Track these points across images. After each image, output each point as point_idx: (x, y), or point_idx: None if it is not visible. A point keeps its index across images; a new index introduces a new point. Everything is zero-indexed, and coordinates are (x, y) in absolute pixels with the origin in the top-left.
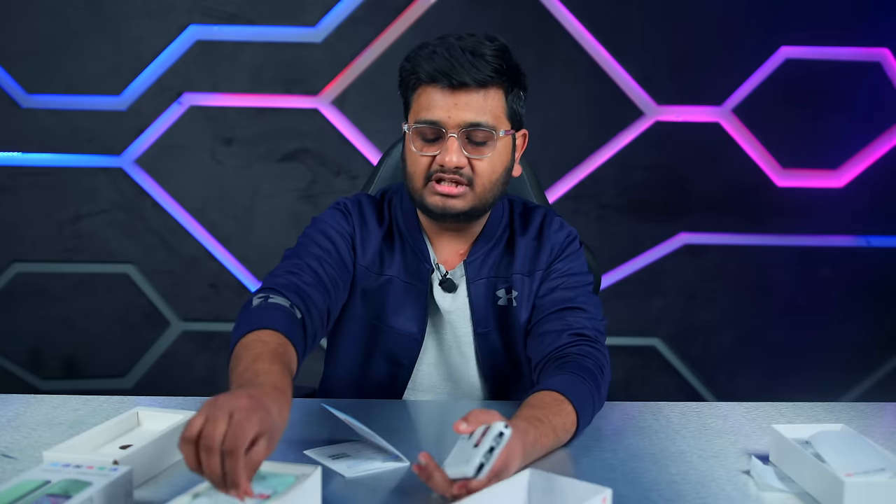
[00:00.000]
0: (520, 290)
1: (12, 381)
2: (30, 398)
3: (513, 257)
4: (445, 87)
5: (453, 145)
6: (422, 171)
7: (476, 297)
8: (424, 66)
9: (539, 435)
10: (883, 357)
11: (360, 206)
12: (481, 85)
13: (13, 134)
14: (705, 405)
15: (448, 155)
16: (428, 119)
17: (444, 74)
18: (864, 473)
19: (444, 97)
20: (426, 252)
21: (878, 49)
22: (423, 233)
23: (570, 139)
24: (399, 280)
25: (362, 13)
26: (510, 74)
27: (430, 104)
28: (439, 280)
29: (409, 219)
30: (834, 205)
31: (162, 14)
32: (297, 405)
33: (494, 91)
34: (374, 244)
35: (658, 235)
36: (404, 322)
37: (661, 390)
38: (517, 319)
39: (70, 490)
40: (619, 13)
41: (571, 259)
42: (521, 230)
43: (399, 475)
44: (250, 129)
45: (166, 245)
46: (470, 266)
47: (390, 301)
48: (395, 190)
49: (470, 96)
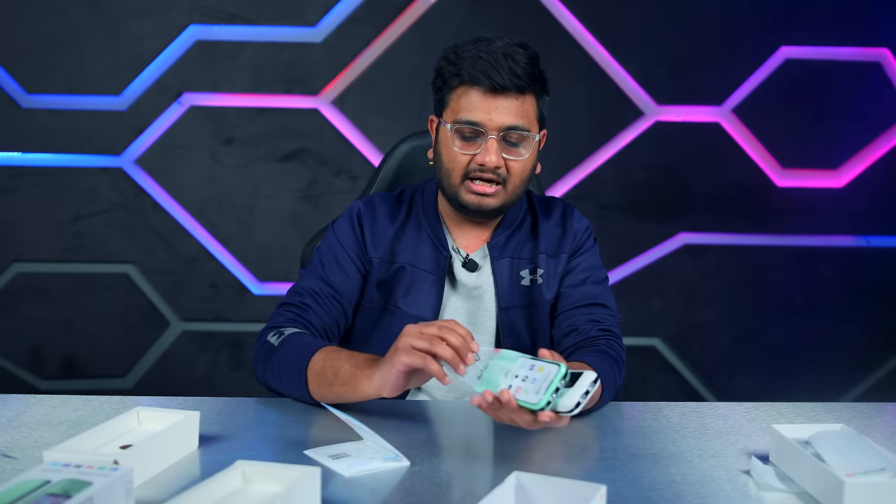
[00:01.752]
0: (545, 268)
1: (12, 381)
2: (30, 398)
3: (537, 240)
4: (487, 90)
5: (493, 146)
6: (460, 169)
7: (500, 275)
8: (468, 68)
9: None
10: (883, 357)
11: (373, 206)
12: (519, 90)
13: (13, 134)
14: (705, 405)
15: (488, 155)
16: (469, 120)
17: (487, 77)
18: (864, 473)
19: (485, 100)
20: (444, 241)
21: (878, 49)
22: (443, 223)
23: (570, 139)
24: (412, 267)
25: (362, 13)
26: (542, 81)
27: (472, 105)
28: (462, 262)
29: (430, 211)
30: (834, 205)
31: (162, 14)
32: (297, 405)
33: (529, 96)
34: (385, 238)
35: (658, 235)
36: (418, 307)
37: (661, 390)
38: (542, 297)
39: (70, 490)
40: (619, 13)
41: (592, 253)
42: (543, 216)
43: (399, 475)
44: (250, 129)
45: (166, 245)
46: (493, 247)
47: (402, 286)
48: (415, 188)
49: (509, 101)
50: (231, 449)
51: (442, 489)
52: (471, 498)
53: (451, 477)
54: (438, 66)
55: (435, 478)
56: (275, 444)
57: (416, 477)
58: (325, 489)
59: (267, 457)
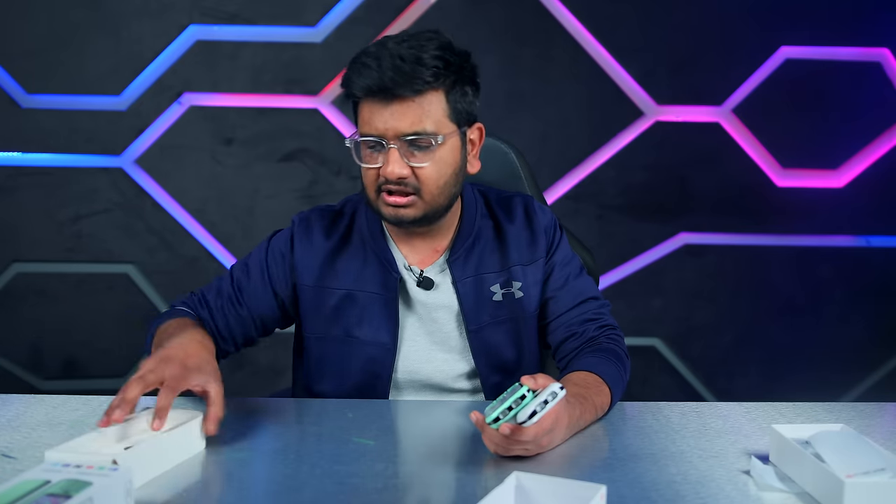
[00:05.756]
0: (522, 280)
1: (12, 381)
2: (30, 398)
3: (505, 249)
4: (379, 99)
5: (393, 156)
6: (371, 183)
7: (465, 296)
8: (356, 82)
9: (583, 411)
10: (883, 357)
11: (308, 224)
12: (416, 92)
13: (13, 134)
14: (705, 405)
15: (388, 167)
16: (366, 133)
17: (376, 88)
18: (864, 474)
19: (381, 109)
20: (392, 260)
21: (878, 49)
22: (390, 239)
23: (570, 139)
24: (359, 292)
25: (362, 13)
26: (451, 74)
27: (370, 117)
28: (416, 281)
29: (374, 227)
30: (834, 205)
31: (162, 14)
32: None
33: (432, 95)
34: (318, 261)
35: (658, 235)
36: (374, 332)
37: (661, 390)
38: (525, 310)
39: (70, 490)
40: (619, 13)
41: (563, 245)
42: (506, 219)
43: (398, 475)
44: (250, 129)
45: (166, 245)
46: (454, 265)
47: (353, 314)
48: (358, 199)
49: (405, 106)
50: (232, 449)
51: (442, 489)
52: (471, 498)
53: (451, 477)
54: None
55: (435, 478)
56: (275, 443)
57: (415, 477)
58: (319, 490)
59: (267, 457)
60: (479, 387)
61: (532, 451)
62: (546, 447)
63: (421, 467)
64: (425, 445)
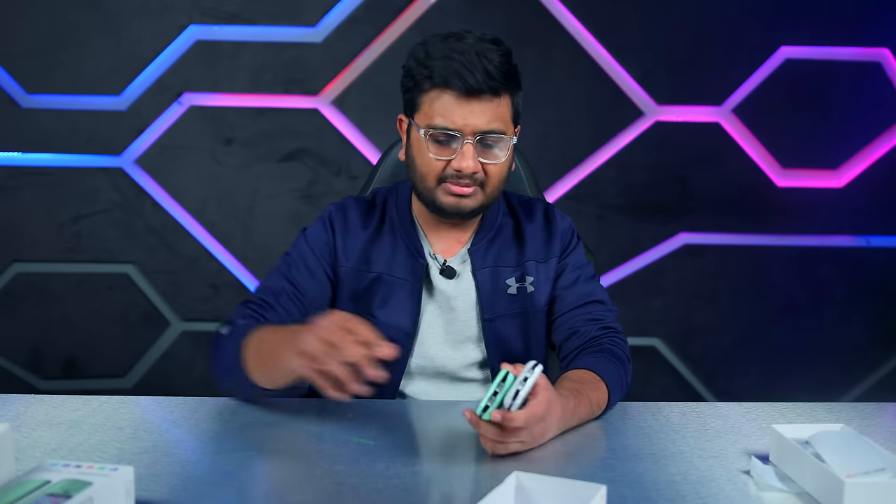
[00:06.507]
0: (535, 276)
1: (12, 381)
2: (30, 398)
3: (522, 246)
4: (460, 94)
5: (469, 152)
6: (435, 174)
7: (482, 285)
8: (440, 70)
9: (577, 404)
10: (883, 357)
11: (345, 212)
12: (494, 92)
13: (13, 134)
14: (705, 405)
15: (464, 161)
16: (444, 126)
17: (460, 80)
18: (864, 474)
19: (459, 104)
20: (420, 248)
21: (878, 49)
22: (418, 228)
23: (570, 139)
24: (388, 276)
25: (362, 13)
26: (516, 78)
27: (446, 110)
28: (439, 269)
29: (404, 216)
30: (834, 205)
31: (162, 14)
32: (298, 405)
33: (505, 96)
34: (357, 246)
35: (658, 235)
36: (395, 317)
37: (661, 390)
38: (535, 304)
39: (70, 490)
40: (619, 13)
41: (579, 251)
42: (526, 218)
43: (399, 475)
44: (250, 129)
45: (166, 245)
46: (474, 255)
47: (379, 296)
48: (387, 190)
49: (484, 104)
50: (232, 449)
51: (442, 489)
52: (471, 498)
53: (451, 477)
54: (407, 66)
55: (435, 478)
56: (275, 443)
57: (415, 477)
58: (323, 492)
59: (267, 457)
60: (490, 377)
61: (528, 442)
62: (540, 438)
63: (421, 467)
64: (425, 445)
